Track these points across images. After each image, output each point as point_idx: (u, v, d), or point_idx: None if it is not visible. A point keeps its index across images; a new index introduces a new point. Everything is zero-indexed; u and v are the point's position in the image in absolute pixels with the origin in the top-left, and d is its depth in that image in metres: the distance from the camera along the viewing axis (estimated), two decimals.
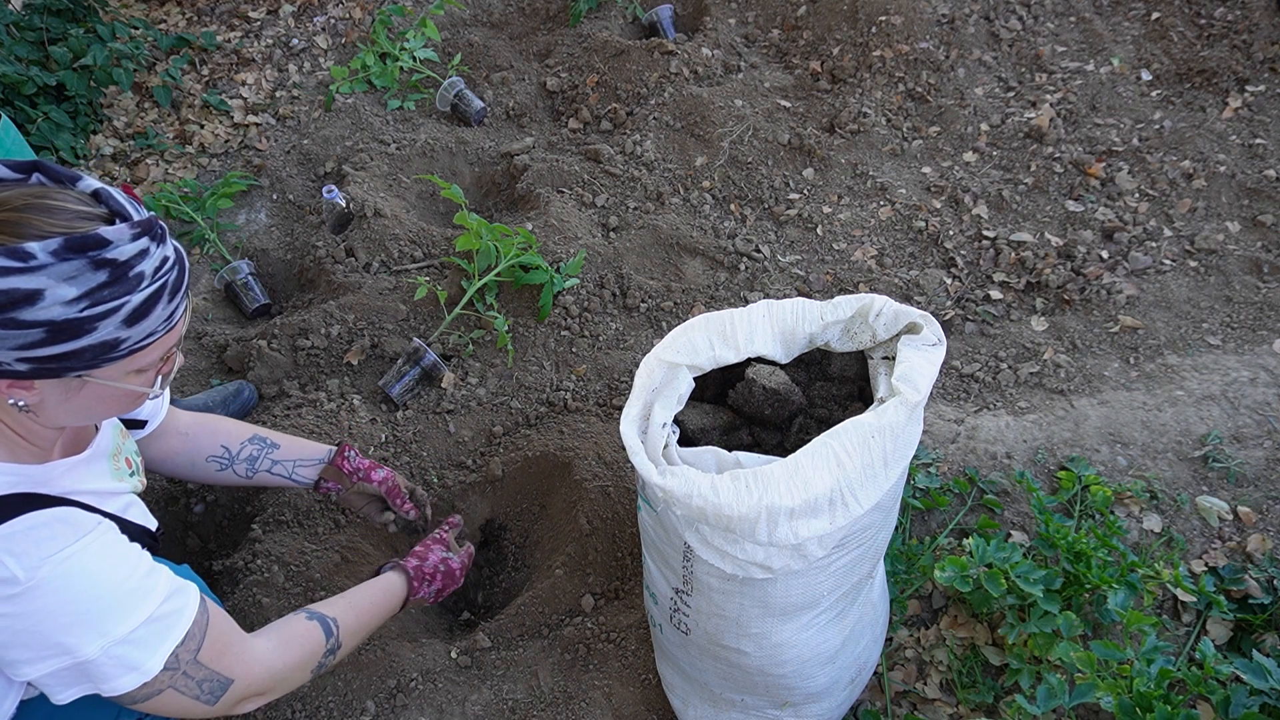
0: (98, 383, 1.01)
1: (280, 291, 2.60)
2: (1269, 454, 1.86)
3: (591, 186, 2.67)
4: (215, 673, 1.09)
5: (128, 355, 1.00)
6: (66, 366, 0.96)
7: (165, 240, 1.01)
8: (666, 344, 1.23)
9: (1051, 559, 1.64)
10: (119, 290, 0.94)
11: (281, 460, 1.58)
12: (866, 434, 1.09)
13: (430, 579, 1.46)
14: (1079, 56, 2.98)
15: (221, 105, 3.03)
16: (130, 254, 0.95)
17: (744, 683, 1.36)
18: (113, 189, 1.01)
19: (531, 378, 2.17)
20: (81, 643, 0.98)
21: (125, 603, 1.02)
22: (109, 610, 1.00)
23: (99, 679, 1.01)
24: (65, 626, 0.97)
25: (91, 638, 0.99)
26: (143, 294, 0.97)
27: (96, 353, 0.96)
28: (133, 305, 0.96)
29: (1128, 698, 1.28)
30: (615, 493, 1.85)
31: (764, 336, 1.26)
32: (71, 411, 1.05)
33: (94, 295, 0.92)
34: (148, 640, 1.03)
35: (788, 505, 1.06)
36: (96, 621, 0.99)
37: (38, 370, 0.95)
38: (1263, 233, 2.42)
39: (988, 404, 2.08)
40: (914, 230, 2.52)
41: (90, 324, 0.93)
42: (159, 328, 1.01)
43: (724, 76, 3.02)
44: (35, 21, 2.90)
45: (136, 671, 1.02)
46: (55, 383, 0.99)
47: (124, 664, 1.01)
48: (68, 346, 0.93)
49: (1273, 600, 1.59)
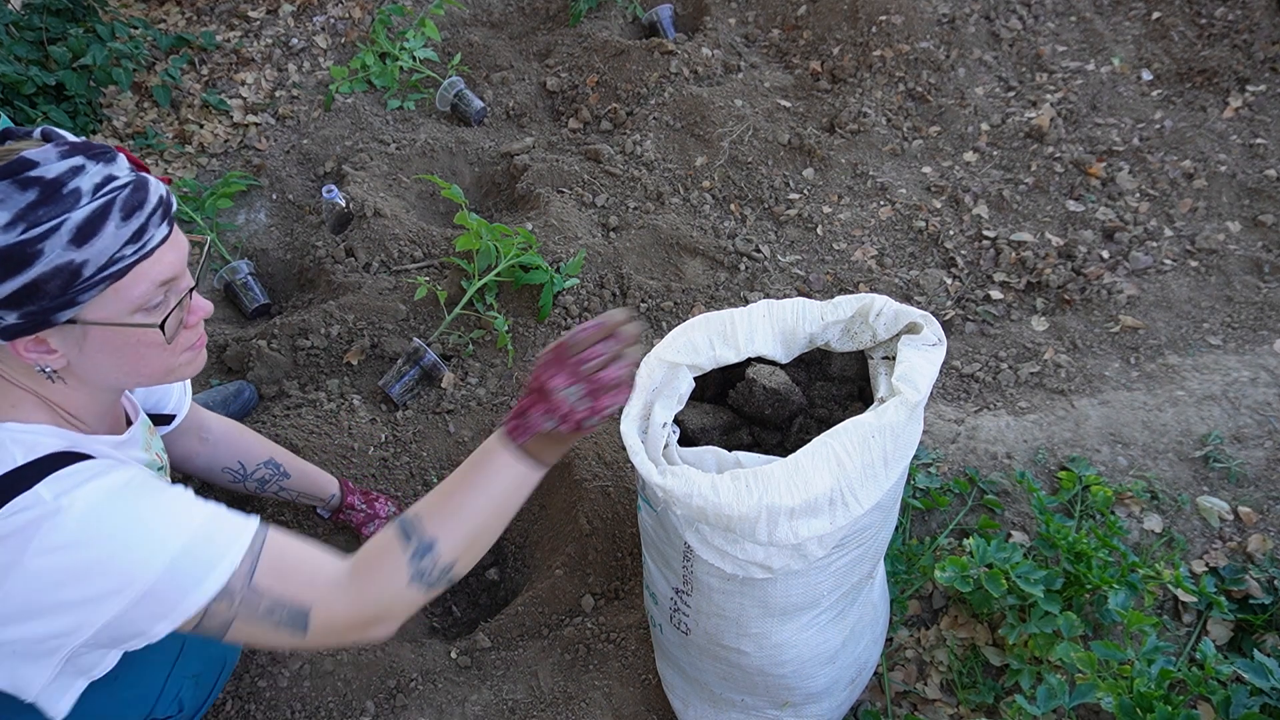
0: (100, 327, 1.00)
1: (280, 291, 2.59)
2: (1270, 454, 1.86)
3: (591, 186, 2.67)
4: (283, 599, 1.02)
5: (102, 284, 0.96)
6: (45, 308, 0.94)
7: (115, 162, 0.99)
8: (667, 343, 1.23)
9: (1052, 559, 1.63)
10: (54, 209, 0.92)
11: (289, 489, 1.65)
12: (867, 434, 1.09)
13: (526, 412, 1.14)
14: (1079, 56, 2.98)
15: (221, 105, 3.03)
16: (60, 170, 0.93)
17: (744, 683, 1.36)
18: (72, 135, 0.99)
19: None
20: (146, 559, 0.96)
21: (168, 521, 1.00)
22: (152, 532, 0.98)
23: (167, 604, 0.97)
24: (125, 545, 0.95)
25: (155, 552, 0.96)
26: (84, 210, 0.94)
27: (61, 283, 0.93)
28: (74, 222, 0.93)
29: (1128, 698, 1.28)
30: (615, 493, 1.85)
31: (764, 336, 1.26)
32: (97, 368, 1.04)
33: (27, 216, 0.91)
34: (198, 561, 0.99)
35: (788, 505, 1.06)
36: (156, 537, 0.97)
37: (25, 318, 0.94)
38: (1263, 232, 2.42)
39: (988, 404, 2.07)
40: (914, 230, 2.52)
41: (32, 246, 0.91)
42: (124, 250, 0.97)
43: (724, 76, 3.02)
44: (35, 21, 2.90)
45: (199, 589, 0.98)
46: (63, 336, 0.99)
47: (189, 579, 0.97)
48: (23, 277, 0.91)
49: (1273, 600, 1.59)
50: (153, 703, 1.25)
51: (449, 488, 1.12)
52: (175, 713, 1.30)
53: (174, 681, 1.27)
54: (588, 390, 1.11)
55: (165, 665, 1.26)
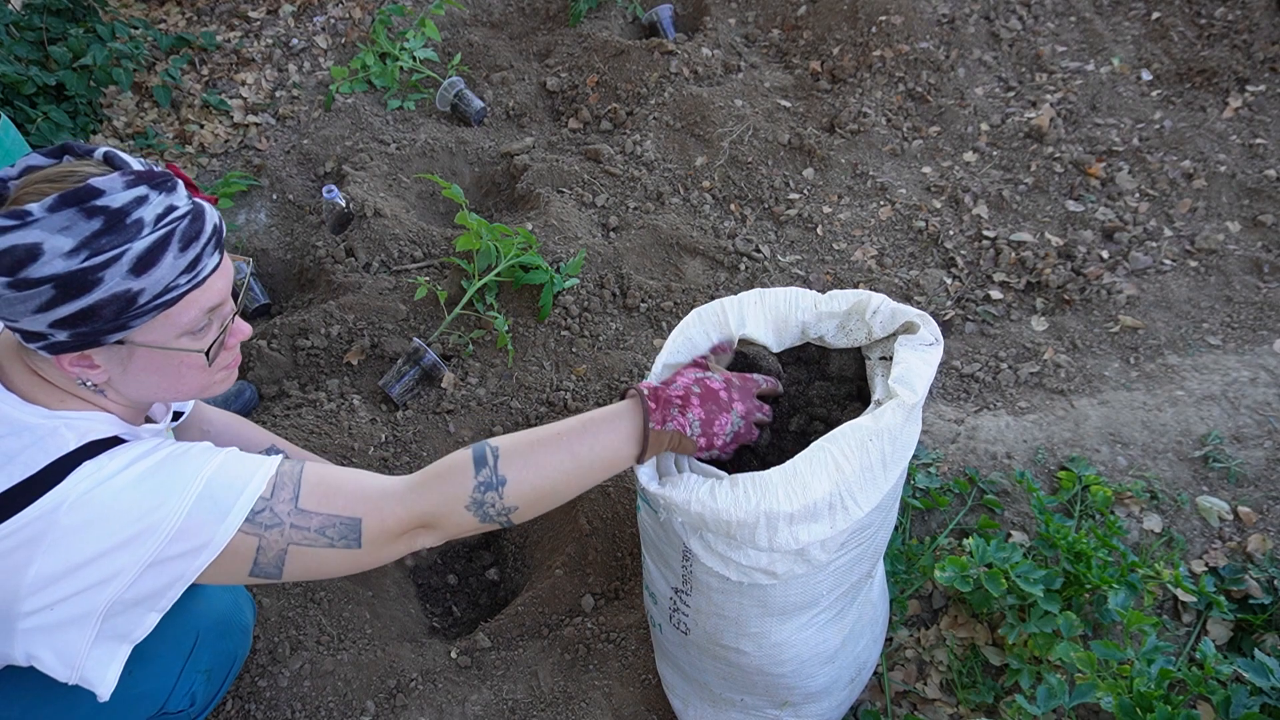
0: (146, 349, 1.03)
1: (280, 291, 2.59)
2: (1269, 454, 1.86)
3: (591, 186, 2.67)
4: (332, 515, 1.05)
5: (155, 311, 1.00)
6: (97, 329, 0.97)
7: (175, 190, 1.01)
8: (669, 347, 1.24)
9: (1052, 559, 1.63)
10: (117, 238, 0.94)
11: None
12: (864, 437, 1.09)
13: (681, 404, 1.10)
14: (1079, 56, 2.98)
15: (221, 105, 3.03)
16: (124, 201, 0.95)
17: (743, 682, 1.36)
18: (133, 158, 1.02)
19: (531, 378, 2.17)
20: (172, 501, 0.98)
21: (200, 463, 1.03)
22: (188, 471, 1.01)
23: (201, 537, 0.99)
24: (151, 491, 0.99)
25: (179, 493, 0.99)
26: (145, 241, 0.96)
27: (117, 308, 0.96)
28: (135, 252, 0.95)
29: (1128, 698, 1.28)
30: (615, 493, 1.85)
31: (756, 321, 1.27)
32: (139, 385, 1.07)
33: (91, 244, 0.93)
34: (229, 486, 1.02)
35: (786, 510, 1.06)
36: (180, 481, 1.00)
37: (76, 336, 0.97)
38: (1263, 233, 2.42)
39: (988, 404, 2.07)
40: (914, 230, 2.52)
41: (93, 274, 0.93)
42: (179, 280, 1.00)
43: (724, 76, 3.02)
44: (35, 21, 2.90)
45: (228, 517, 1.00)
46: (105, 354, 1.02)
47: (217, 510, 1.00)
48: (81, 303, 0.94)
49: (1273, 600, 1.59)
50: (165, 697, 1.27)
51: (544, 436, 1.09)
52: (187, 707, 1.31)
53: (187, 677, 1.29)
54: (744, 431, 1.13)
55: (179, 660, 1.28)
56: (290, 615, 1.68)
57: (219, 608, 1.37)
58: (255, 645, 1.63)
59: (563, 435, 1.09)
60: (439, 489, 1.08)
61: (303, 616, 1.69)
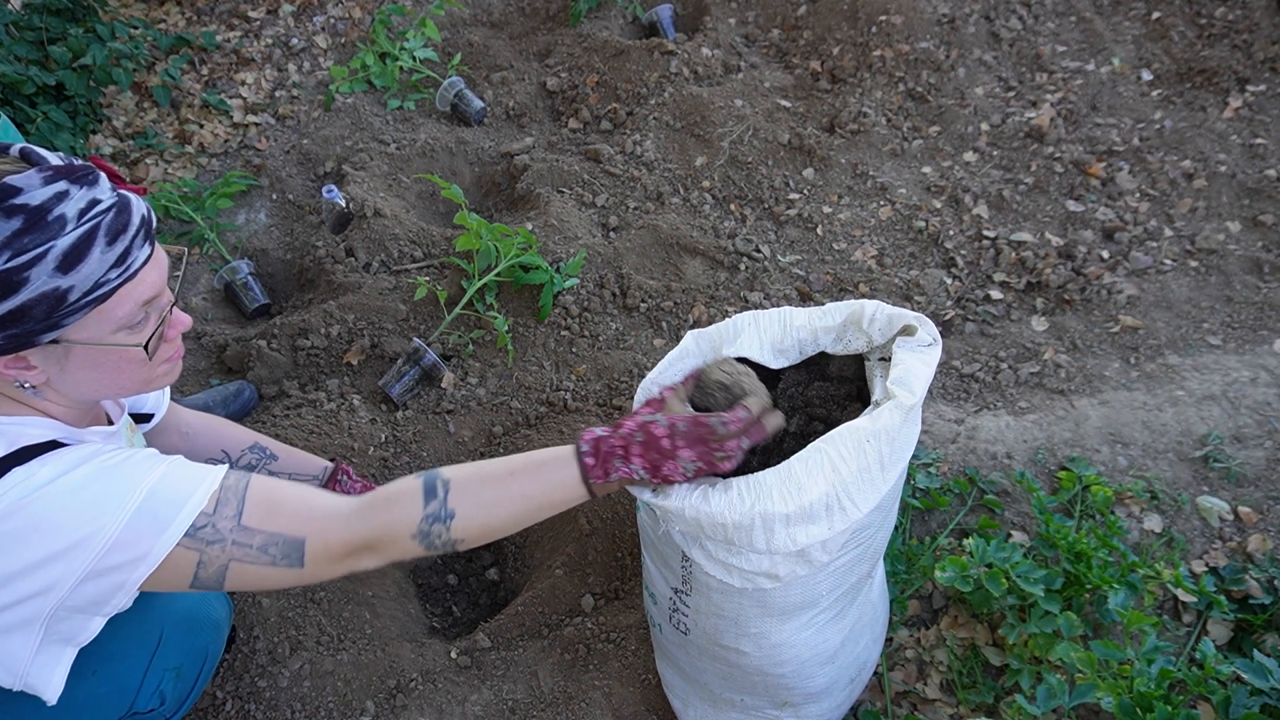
0: (82, 346, 1.01)
1: (280, 291, 2.59)
2: (1269, 454, 1.86)
3: (591, 186, 2.67)
4: (276, 534, 1.03)
5: (87, 308, 0.98)
6: (29, 330, 0.95)
7: (98, 184, 0.99)
8: (663, 368, 1.25)
9: (1052, 559, 1.63)
10: (40, 236, 0.93)
11: (279, 473, 1.58)
12: (861, 438, 1.09)
13: (621, 454, 1.08)
14: (1079, 56, 2.98)
15: (221, 105, 3.03)
16: (44, 198, 0.94)
17: (743, 683, 1.36)
18: (52, 154, 1.00)
19: (531, 378, 2.17)
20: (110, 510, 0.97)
21: (142, 471, 1.01)
22: (128, 479, 0.99)
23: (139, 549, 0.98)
24: (90, 501, 0.97)
25: (118, 503, 0.97)
26: (69, 237, 0.94)
27: (48, 307, 0.95)
28: (60, 249, 0.94)
29: (1128, 698, 1.28)
30: (615, 493, 1.85)
31: (750, 342, 1.27)
32: (78, 383, 1.05)
33: (12, 244, 0.91)
34: (171, 498, 1.00)
35: (782, 511, 1.06)
36: (119, 490, 0.98)
37: (8, 340, 0.95)
38: (1263, 232, 2.42)
39: (988, 404, 2.07)
40: (914, 230, 2.52)
41: (18, 274, 0.92)
42: (109, 274, 0.98)
43: (724, 76, 3.02)
44: (35, 21, 2.89)
45: (168, 530, 0.99)
46: (45, 354, 1.00)
47: (157, 522, 0.98)
48: (9, 304, 0.92)
49: (1273, 600, 1.59)
50: (133, 696, 1.25)
51: (496, 473, 1.09)
52: (158, 706, 1.29)
53: (154, 674, 1.27)
54: (702, 467, 1.09)
55: (144, 658, 1.26)
56: (290, 615, 1.68)
57: (185, 603, 1.33)
58: (255, 645, 1.63)
59: (515, 474, 1.09)
60: (386, 516, 1.07)
61: (303, 616, 1.68)
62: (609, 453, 1.08)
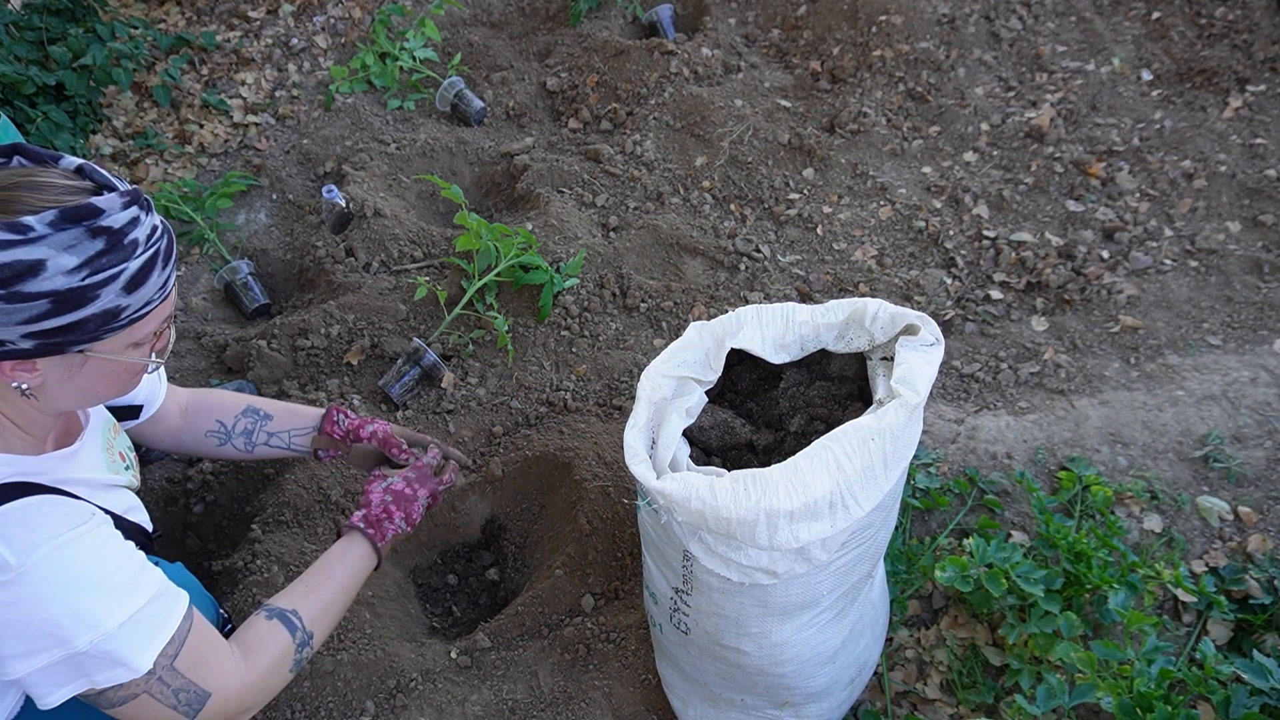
0: (99, 358, 1.04)
1: (280, 291, 2.59)
2: (1269, 454, 1.86)
3: (591, 186, 2.67)
4: (191, 683, 1.07)
5: (128, 325, 1.03)
6: (70, 340, 0.98)
7: (151, 210, 1.06)
8: (665, 357, 1.25)
9: (1052, 559, 1.63)
10: (116, 257, 0.98)
11: (276, 431, 1.55)
12: (866, 437, 1.09)
13: (386, 517, 1.36)
14: (1079, 56, 2.98)
15: (221, 105, 3.03)
16: (123, 221, 0.99)
17: (744, 682, 1.36)
18: (96, 165, 1.04)
19: (531, 378, 2.17)
20: (74, 634, 0.97)
21: (116, 595, 1.01)
22: (101, 601, 1.00)
23: (90, 671, 1.00)
24: (57, 616, 0.97)
25: (82, 629, 0.98)
26: (139, 260, 1.00)
27: (99, 323, 0.99)
28: (130, 271, 0.99)
29: (1128, 698, 1.28)
30: (615, 493, 1.85)
31: (751, 335, 1.27)
32: (74, 391, 1.07)
33: (94, 263, 0.96)
34: (136, 637, 1.02)
35: (787, 508, 1.06)
36: (88, 612, 0.98)
37: (43, 346, 0.97)
38: (1263, 232, 2.42)
39: (988, 404, 2.07)
40: (914, 230, 2.52)
41: (92, 292, 0.97)
42: (155, 295, 1.05)
43: (724, 76, 3.02)
44: (35, 21, 2.89)
45: (125, 667, 1.00)
46: (57, 361, 1.02)
47: (113, 659, 1.00)
48: (72, 317, 0.96)
49: (1273, 600, 1.59)
50: None
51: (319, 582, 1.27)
52: None
53: None
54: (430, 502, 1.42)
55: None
56: None
57: None
58: None
59: (331, 575, 1.28)
60: (272, 667, 1.17)
61: None
62: (378, 519, 1.36)
